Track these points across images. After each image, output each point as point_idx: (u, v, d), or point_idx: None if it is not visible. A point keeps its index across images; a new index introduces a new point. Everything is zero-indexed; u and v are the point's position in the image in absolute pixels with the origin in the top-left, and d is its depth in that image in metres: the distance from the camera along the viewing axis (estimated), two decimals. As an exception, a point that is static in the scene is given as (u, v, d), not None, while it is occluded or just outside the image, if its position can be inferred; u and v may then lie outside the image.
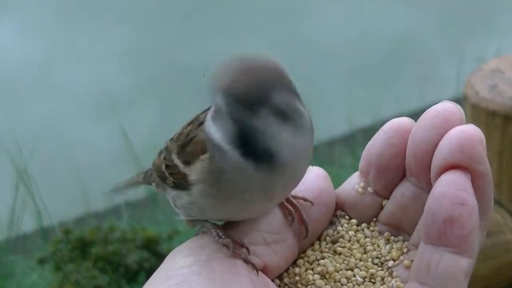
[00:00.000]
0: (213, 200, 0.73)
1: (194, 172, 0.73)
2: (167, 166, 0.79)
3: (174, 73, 4.50)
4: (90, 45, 4.78)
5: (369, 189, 0.76)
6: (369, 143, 0.76)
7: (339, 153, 3.30)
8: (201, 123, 0.74)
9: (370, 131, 0.78)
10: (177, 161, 0.76)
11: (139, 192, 3.19)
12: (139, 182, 0.92)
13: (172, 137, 0.81)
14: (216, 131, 0.71)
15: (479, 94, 2.13)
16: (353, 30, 4.86)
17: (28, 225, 3.07)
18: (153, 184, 0.87)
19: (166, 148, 0.81)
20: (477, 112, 2.14)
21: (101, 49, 4.76)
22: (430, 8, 5.09)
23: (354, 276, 0.74)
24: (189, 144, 0.75)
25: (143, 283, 0.72)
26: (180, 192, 0.77)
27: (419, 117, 0.73)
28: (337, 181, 0.81)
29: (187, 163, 0.74)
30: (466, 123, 0.69)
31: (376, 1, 5.23)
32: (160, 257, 2.47)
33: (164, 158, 0.80)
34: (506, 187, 2.18)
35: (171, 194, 0.80)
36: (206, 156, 0.72)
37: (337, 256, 0.76)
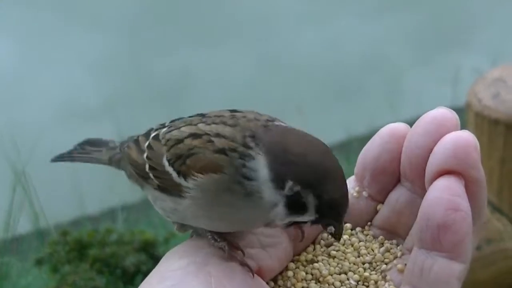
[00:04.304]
0: (202, 212, 0.72)
1: (194, 185, 0.72)
2: (152, 168, 0.77)
3: (148, 82, 4.53)
4: (67, 53, 4.81)
5: (364, 193, 0.77)
6: (365, 147, 0.76)
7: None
8: (222, 150, 0.71)
9: (365, 140, 0.78)
10: (170, 169, 0.74)
11: (135, 196, 3.18)
12: (101, 160, 0.89)
13: (156, 136, 0.78)
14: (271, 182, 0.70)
15: (482, 102, 2.14)
16: (344, 46, 4.91)
17: (23, 227, 3.07)
18: (124, 172, 0.85)
19: (150, 147, 0.78)
20: (480, 120, 2.15)
21: (77, 57, 4.78)
22: (408, 23, 5.16)
23: (348, 279, 0.75)
24: (190, 157, 0.72)
25: (140, 286, 0.72)
26: (164, 196, 0.76)
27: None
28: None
29: (184, 174, 0.72)
30: (470, 131, 0.69)
31: (367, 18, 5.29)
32: (157, 260, 2.46)
33: (148, 158, 0.78)
34: (507, 195, 2.18)
35: (152, 193, 0.78)
36: (218, 177, 0.70)
37: (331, 260, 0.76)
